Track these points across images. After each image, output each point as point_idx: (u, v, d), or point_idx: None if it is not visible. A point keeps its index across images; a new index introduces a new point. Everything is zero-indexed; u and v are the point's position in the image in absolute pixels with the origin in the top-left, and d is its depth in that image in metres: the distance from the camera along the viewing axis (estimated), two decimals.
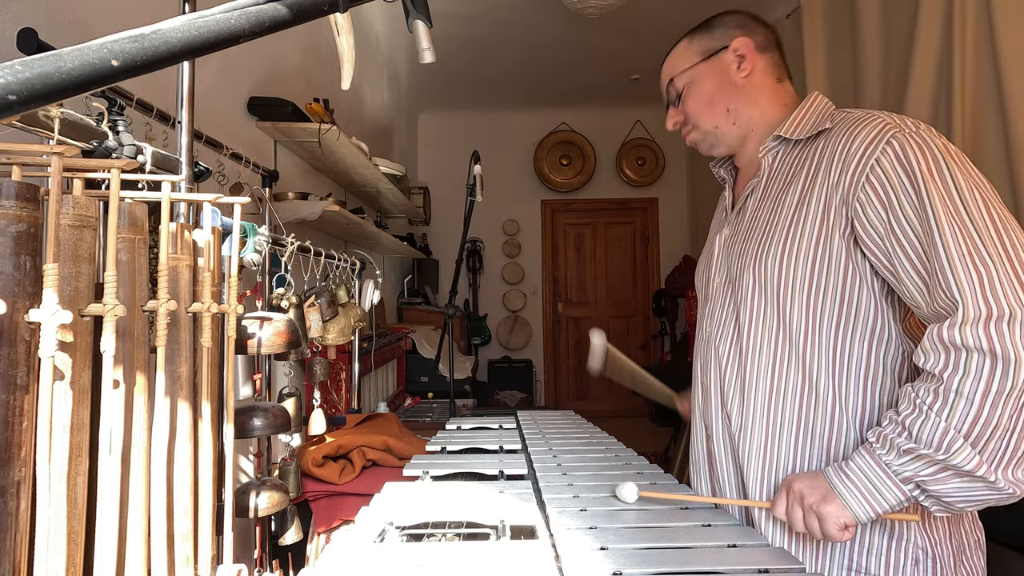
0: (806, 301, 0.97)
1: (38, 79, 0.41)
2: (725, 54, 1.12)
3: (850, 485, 0.86)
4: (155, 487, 0.88)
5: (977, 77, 2.37)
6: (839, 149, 0.95)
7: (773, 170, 1.08)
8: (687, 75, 1.14)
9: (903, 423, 0.83)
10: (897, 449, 0.83)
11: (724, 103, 1.12)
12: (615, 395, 6.23)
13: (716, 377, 1.09)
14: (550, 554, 0.81)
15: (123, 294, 0.85)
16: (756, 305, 1.02)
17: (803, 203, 0.98)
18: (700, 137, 1.17)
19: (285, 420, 1.39)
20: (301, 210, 2.27)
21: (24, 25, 1.09)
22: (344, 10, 0.56)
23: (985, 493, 0.80)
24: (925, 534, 0.94)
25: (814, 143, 1.02)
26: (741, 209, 1.12)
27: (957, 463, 0.79)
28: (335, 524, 1.84)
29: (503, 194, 6.11)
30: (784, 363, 0.99)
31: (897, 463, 0.83)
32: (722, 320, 1.10)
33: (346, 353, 2.65)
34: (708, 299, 1.16)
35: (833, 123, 1.01)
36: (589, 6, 3.61)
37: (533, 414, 1.81)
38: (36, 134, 0.95)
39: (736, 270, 1.07)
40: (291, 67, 2.71)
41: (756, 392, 1.02)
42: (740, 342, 1.05)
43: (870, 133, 0.92)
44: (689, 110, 1.15)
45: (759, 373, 1.02)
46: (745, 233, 1.08)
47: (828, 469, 0.90)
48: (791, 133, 1.05)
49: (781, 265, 0.98)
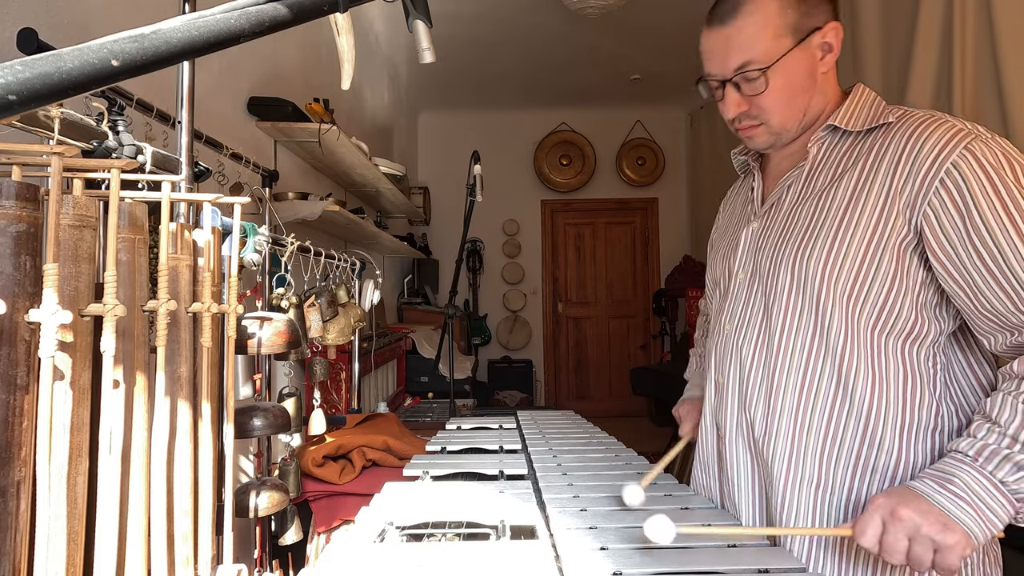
0: (847, 304, 0.91)
1: (38, 79, 0.41)
2: (815, 37, 0.95)
3: (965, 505, 0.76)
4: (155, 487, 0.88)
5: (977, 76, 2.37)
6: (906, 149, 0.88)
7: (818, 161, 0.99)
8: (779, 64, 0.93)
9: (1015, 436, 0.77)
10: (1012, 463, 0.77)
11: (804, 103, 0.97)
12: (615, 395, 6.23)
13: (736, 378, 1.03)
14: (550, 554, 0.81)
15: (123, 294, 0.85)
16: (791, 306, 0.96)
17: (856, 201, 0.91)
18: (763, 133, 1.01)
19: (285, 420, 1.39)
20: (301, 210, 2.27)
21: (24, 25, 1.09)
22: (344, 10, 0.56)
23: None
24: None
25: (869, 137, 0.94)
26: (777, 202, 1.03)
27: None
28: (335, 524, 1.84)
29: (503, 194, 6.10)
30: (817, 368, 0.93)
31: (1012, 478, 0.77)
32: (746, 319, 1.03)
33: (346, 353, 2.65)
34: (729, 295, 1.08)
35: (896, 119, 0.93)
36: (589, 6, 3.60)
37: (533, 414, 1.81)
38: (36, 134, 0.95)
39: (768, 267, 1.00)
40: (291, 67, 2.71)
41: (784, 398, 0.96)
42: (770, 344, 0.98)
43: (944, 135, 0.86)
44: (766, 104, 0.96)
45: (789, 378, 0.95)
46: (782, 228, 0.99)
47: (925, 489, 0.79)
48: (847, 124, 0.96)
49: (825, 265, 0.92)
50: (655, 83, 5.49)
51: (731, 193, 1.27)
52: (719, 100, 1.01)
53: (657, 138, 6.28)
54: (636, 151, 6.31)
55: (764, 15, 0.93)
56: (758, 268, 1.02)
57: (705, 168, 5.76)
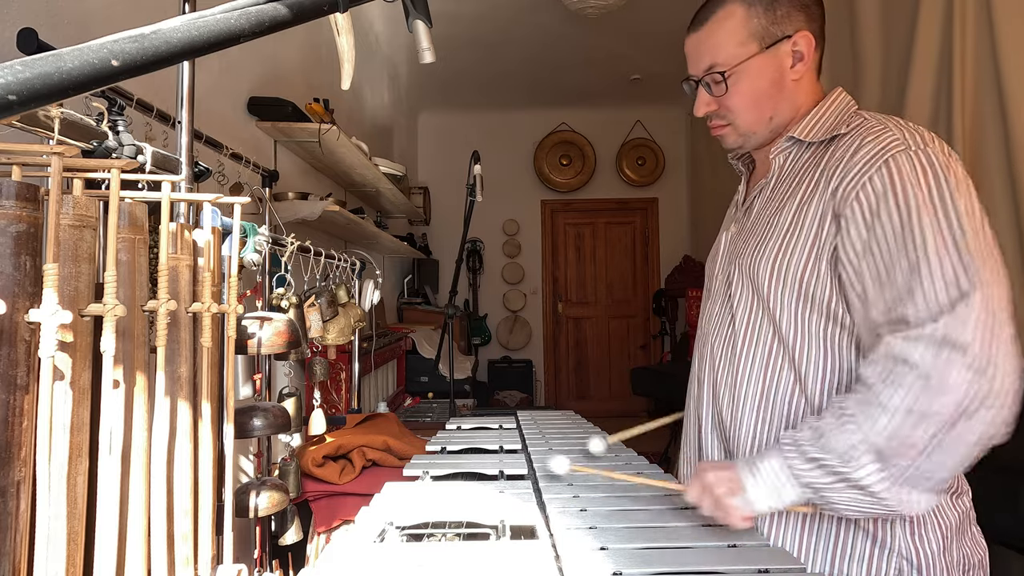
0: (795, 307, 0.95)
1: (38, 79, 0.41)
2: (784, 45, 0.98)
3: (758, 483, 0.87)
4: (155, 487, 0.88)
5: (977, 77, 2.37)
6: (844, 159, 0.92)
7: (784, 171, 1.03)
8: (740, 68, 0.98)
9: (819, 431, 0.85)
10: (805, 457, 0.85)
11: (771, 108, 1.01)
12: (615, 395, 6.23)
13: (709, 373, 1.08)
14: (550, 554, 0.81)
15: (123, 294, 0.85)
16: (751, 308, 1.01)
17: (802, 209, 0.95)
18: (731, 134, 1.06)
19: (285, 420, 1.39)
20: (301, 210, 2.27)
21: (24, 25, 1.09)
22: (344, 10, 0.56)
23: (872, 506, 0.83)
24: (911, 544, 0.92)
25: (826, 147, 0.98)
26: (749, 208, 1.08)
27: (857, 477, 0.81)
28: (335, 524, 1.84)
29: (503, 194, 6.10)
30: (776, 364, 0.98)
31: (800, 468, 0.85)
32: (718, 318, 1.09)
33: (346, 353, 2.65)
34: (709, 295, 1.14)
35: (848, 128, 0.96)
36: (589, 6, 3.60)
37: (533, 414, 1.81)
38: (36, 134, 0.95)
39: (733, 271, 1.05)
40: (291, 67, 2.71)
41: (747, 391, 1.01)
42: (733, 341, 1.04)
43: (876, 147, 0.89)
44: (731, 105, 1.02)
45: (751, 373, 1.00)
46: (747, 233, 1.05)
47: (740, 464, 0.90)
48: (805, 135, 1.00)
49: (772, 271, 0.96)
50: (655, 83, 5.49)
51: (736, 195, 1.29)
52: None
53: (657, 138, 6.28)
54: (636, 151, 6.31)
55: (732, 22, 0.99)
56: (729, 273, 1.07)
57: (705, 168, 5.76)
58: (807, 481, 0.85)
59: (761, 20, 0.97)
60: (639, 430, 1.22)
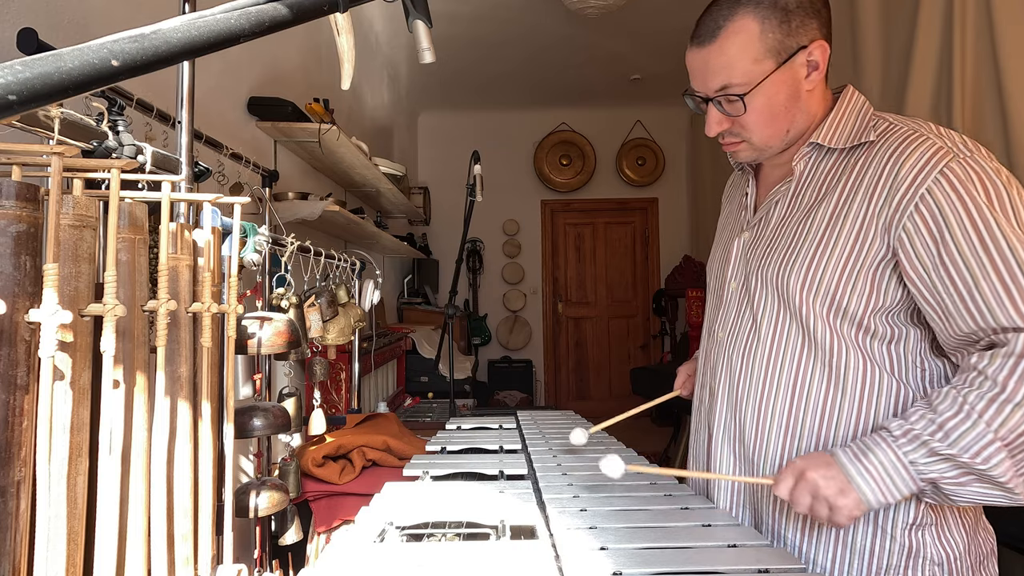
0: (828, 317, 0.94)
1: (38, 79, 0.41)
2: (799, 56, 0.94)
3: (868, 478, 0.84)
4: (155, 487, 0.88)
5: (977, 77, 2.36)
6: (885, 170, 0.90)
7: (805, 177, 1.00)
8: (760, 88, 0.93)
9: (942, 425, 0.82)
10: (928, 449, 0.82)
11: (787, 121, 0.98)
12: (615, 395, 6.23)
13: (727, 384, 1.06)
14: (550, 554, 0.81)
15: (123, 294, 0.85)
16: (778, 320, 0.99)
17: (836, 221, 0.93)
18: (745, 149, 1.02)
19: (285, 420, 1.39)
20: (301, 210, 2.27)
21: (24, 25, 1.09)
22: (344, 10, 0.56)
23: (999, 498, 0.82)
24: (941, 548, 0.92)
25: (854, 155, 0.96)
26: (766, 216, 1.05)
27: (994, 474, 0.80)
28: (335, 524, 1.84)
29: (503, 194, 6.10)
30: (807, 375, 0.96)
31: (923, 462, 0.83)
32: (737, 329, 1.05)
33: (346, 353, 2.65)
34: (722, 303, 1.11)
35: (877, 135, 0.94)
36: (589, 6, 3.60)
37: (533, 414, 1.81)
38: (36, 134, 0.95)
39: (755, 282, 1.02)
40: (291, 67, 2.71)
41: (776, 403, 0.99)
42: (760, 354, 1.01)
43: (922, 157, 0.87)
44: (746, 123, 0.97)
45: (779, 384, 0.98)
46: (769, 242, 1.02)
47: (842, 457, 0.86)
48: (829, 141, 0.97)
49: (803, 284, 0.95)
50: (655, 83, 5.49)
51: (729, 185, 1.27)
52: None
53: (657, 138, 6.28)
54: (636, 151, 6.31)
55: (745, 38, 0.92)
56: (748, 280, 1.05)
57: (705, 168, 5.75)
58: (931, 475, 0.83)
59: (776, 34, 0.92)
60: (620, 418, 1.26)
